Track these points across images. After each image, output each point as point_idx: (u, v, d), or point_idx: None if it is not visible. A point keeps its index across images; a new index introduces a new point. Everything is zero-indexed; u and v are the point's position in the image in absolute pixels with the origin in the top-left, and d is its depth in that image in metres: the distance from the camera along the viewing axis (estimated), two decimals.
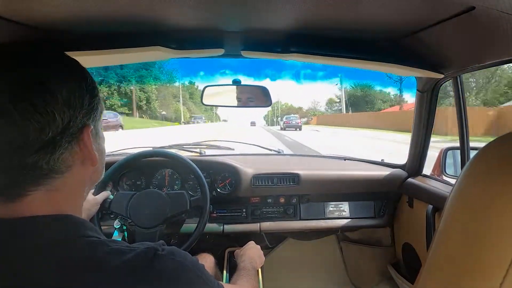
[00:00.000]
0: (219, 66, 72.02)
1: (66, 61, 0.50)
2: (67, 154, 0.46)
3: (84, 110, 0.47)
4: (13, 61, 0.44)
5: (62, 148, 0.45)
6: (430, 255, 0.55)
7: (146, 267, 0.44)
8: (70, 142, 0.46)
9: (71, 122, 0.45)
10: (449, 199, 0.52)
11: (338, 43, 0.99)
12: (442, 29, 0.80)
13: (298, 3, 0.69)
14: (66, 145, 0.45)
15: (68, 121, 0.44)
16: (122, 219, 1.26)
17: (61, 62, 0.49)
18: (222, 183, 1.57)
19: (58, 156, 0.45)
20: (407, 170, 1.61)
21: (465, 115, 1.26)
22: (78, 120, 0.46)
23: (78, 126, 0.47)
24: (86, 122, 0.48)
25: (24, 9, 0.68)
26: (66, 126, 0.44)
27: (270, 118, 79.86)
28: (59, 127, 0.43)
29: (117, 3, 0.67)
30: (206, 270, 0.53)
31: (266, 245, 1.92)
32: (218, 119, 78.81)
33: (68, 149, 0.46)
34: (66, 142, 0.45)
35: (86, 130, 0.48)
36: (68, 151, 0.46)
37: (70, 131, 0.45)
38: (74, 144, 0.47)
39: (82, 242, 0.44)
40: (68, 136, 0.45)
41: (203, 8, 0.74)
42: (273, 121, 73.68)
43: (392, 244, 1.74)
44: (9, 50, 0.46)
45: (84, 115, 0.47)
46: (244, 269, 0.98)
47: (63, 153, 0.45)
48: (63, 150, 0.45)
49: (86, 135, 0.48)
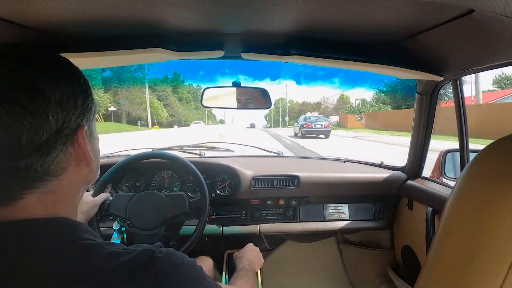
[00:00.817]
0: (218, 65, 69.42)
1: (58, 61, 0.49)
2: (62, 156, 0.45)
3: (78, 111, 0.47)
4: (2, 62, 0.43)
5: (57, 150, 0.44)
6: (429, 258, 0.55)
7: (143, 269, 0.43)
8: (64, 143, 0.45)
9: (65, 124, 0.44)
10: (448, 202, 0.53)
11: (338, 46, 0.99)
12: (441, 32, 0.80)
13: (298, 6, 0.69)
14: (61, 147, 0.45)
15: (62, 122, 0.44)
16: (121, 221, 1.26)
17: (53, 62, 0.48)
18: (221, 185, 1.56)
19: (53, 158, 0.44)
20: (406, 172, 1.61)
21: (465, 118, 1.26)
22: (72, 121, 0.46)
23: (72, 127, 0.46)
24: (80, 123, 0.47)
25: (24, 11, 0.68)
26: (60, 128, 0.44)
27: (273, 117, 70.77)
28: (52, 129, 0.43)
29: (117, 5, 0.67)
30: (204, 272, 0.53)
31: (266, 247, 1.92)
32: (212, 119, 72.61)
33: (63, 151, 0.45)
34: (60, 144, 0.44)
35: (81, 131, 0.47)
36: (62, 153, 0.45)
37: (64, 132, 0.45)
38: (68, 146, 0.46)
39: (77, 245, 0.44)
40: (62, 138, 0.45)
41: (203, 10, 0.74)
42: (277, 121, 64.99)
43: (392, 246, 1.74)
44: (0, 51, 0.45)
45: (78, 116, 0.47)
46: (243, 271, 0.98)
47: (58, 155, 0.45)
48: (57, 152, 0.44)
49: (80, 136, 0.47)
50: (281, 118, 63.46)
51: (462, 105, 1.25)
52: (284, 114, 63.80)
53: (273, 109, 69.40)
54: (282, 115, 64.99)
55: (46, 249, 0.42)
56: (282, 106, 67.95)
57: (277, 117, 67.31)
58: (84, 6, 0.67)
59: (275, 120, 68.26)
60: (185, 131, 22.55)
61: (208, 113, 61.96)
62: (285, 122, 57.52)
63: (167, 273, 0.45)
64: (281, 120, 62.79)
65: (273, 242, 1.96)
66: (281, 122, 61.49)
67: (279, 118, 65.67)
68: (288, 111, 65.17)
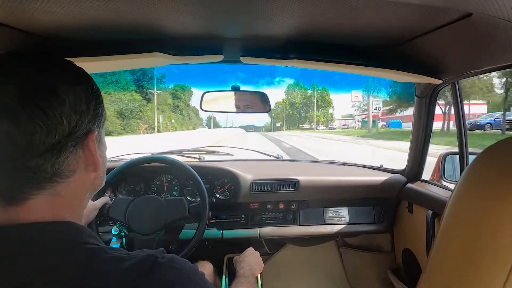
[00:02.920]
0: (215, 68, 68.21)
1: (73, 68, 0.52)
2: (72, 158, 0.47)
3: (90, 116, 0.49)
4: (24, 66, 0.45)
5: (67, 152, 0.46)
6: (430, 261, 0.55)
7: (146, 275, 0.44)
8: (75, 146, 0.47)
9: (77, 126, 0.46)
10: (448, 204, 0.53)
11: (337, 49, 0.99)
12: (439, 35, 0.80)
13: (297, 11, 0.70)
14: (71, 149, 0.46)
15: (74, 125, 0.46)
16: (120, 226, 1.25)
17: (69, 68, 0.51)
18: (221, 189, 1.56)
19: (63, 159, 0.45)
20: (406, 175, 1.61)
21: (464, 120, 1.27)
22: (84, 125, 0.48)
23: (84, 131, 0.48)
24: (91, 128, 0.49)
25: (22, 16, 0.68)
26: (72, 130, 0.46)
27: (285, 113, 65.10)
28: (65, 131, 0.45)
29: (117, 10, 0.67)
30: (206, 278, 0.53)
31: (266, 251, 1.91)
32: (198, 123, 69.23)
33: (73, 153, 0.47)
34: (71, 146, 0.46)
35: (91, 135, 0.49)
36: (72, 155, 0.47)
37: (75, 135, 0.46)
38: (78, 149, 0.48)
39: (81, 249, 0.44)
40: (74, 140, 0.46)
41: (203, 15, 0.74)
42: (292, 122, 60.40)
43: (392, 249, 1.73)
44: (20, 56, 0.47)
45: (90, 121, 0.49)
46: (243, 277, 0.97)
47: (68, 157, 0.46)
48: (68, 154, 0.46)
49: (90, 140, 0.49)
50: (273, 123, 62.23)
51: (461, 108, 1.25)
52: (276, 119, 62.86)
53: (283, 99, 67.50)
54: (273, 121, 64.01)
55: (51, 253, 0.42)
56: (274, 111, 67.04)
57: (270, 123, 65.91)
58: (83, 11, 0.67)
59: (288, 121, 66.82)
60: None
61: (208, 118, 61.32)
62: (276, 127, 56.66)
63: (170, 279, 0.46)
64: (297, 120, 61.31)
65: (273, 246, 1.95)
66: (297, 123, 60.38)
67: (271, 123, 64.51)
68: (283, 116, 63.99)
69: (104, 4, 0.63)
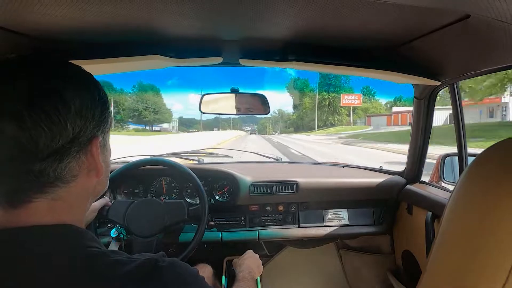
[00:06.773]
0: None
1: (81, 73, 0.52)
2: (74, 163, 0.47)
3: (95, 122, 0.48)
4: (31, 70, 0.45)
5: (70, 157, 0.45)
6: (430, 262, 0.55)
7: (147, 278, 0.44)
8: (78, 151, 0.47)
9: (81, 132, 0.46)
10: (448, 206, 0.53)
11: (336, 51, 1.00)
12: (438, 37, 0.81)
13: (296, 13, 0.70)
14: (74, 154, 0.46)
15: (78, 130, 0.45)
16: (119, 228, 1.25)
17: (76, 74, 0.51)
18: (220, 191, 1.56)
19: (66, 164, 0.45)
20: (405, 177, 1.61)
21: (462, 122, 1.27)
22: (88, 131, 0.47)
23: (88, 137, 0.48)
24: (95, 133, 0.49)
25: (22, 19, 0.68)
26: (76, 136, 0.45)
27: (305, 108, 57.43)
28: (69, 136, 0.44)
29: (116, 13, 0.68)
30: (206, 282, 0.53)
31: (265, 253, 1.91)
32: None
33: (76, 158, 0.47)
34: (74, 151, 0.46)
35: (95, 141, 0.49)
36: (75, 160, 0.47)
37: (79, 140, 0.46)
38: (81, 154, 0.47)
39: (83, 252, 0.44)
40: (77, 146, 0.46)
41: (202, 18, 0.74)
42: (309, 122, 56.04)
43: (392, 251, 1.73)
44: (27, 60, 0.47)
45: (95, 126, 0.48)
46: (243, 280, 0.97)
47: (71, 162, 0.46)
48: (71, 159, 0.46)
49: (94, 146, 0.49)
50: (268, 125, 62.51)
51: (460, 109, 1.26)
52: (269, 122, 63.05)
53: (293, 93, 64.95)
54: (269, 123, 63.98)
55: (53, 256, 0.42)
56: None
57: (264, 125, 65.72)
58: (83, 13, 0.67)
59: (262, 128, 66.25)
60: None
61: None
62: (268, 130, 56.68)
63: (170, 282, 0.45)
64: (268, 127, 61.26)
65: (272, 248, 1.95)
66: (316, 123, 58.26)
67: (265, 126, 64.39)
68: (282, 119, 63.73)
69: (103, 7, 0.63)
